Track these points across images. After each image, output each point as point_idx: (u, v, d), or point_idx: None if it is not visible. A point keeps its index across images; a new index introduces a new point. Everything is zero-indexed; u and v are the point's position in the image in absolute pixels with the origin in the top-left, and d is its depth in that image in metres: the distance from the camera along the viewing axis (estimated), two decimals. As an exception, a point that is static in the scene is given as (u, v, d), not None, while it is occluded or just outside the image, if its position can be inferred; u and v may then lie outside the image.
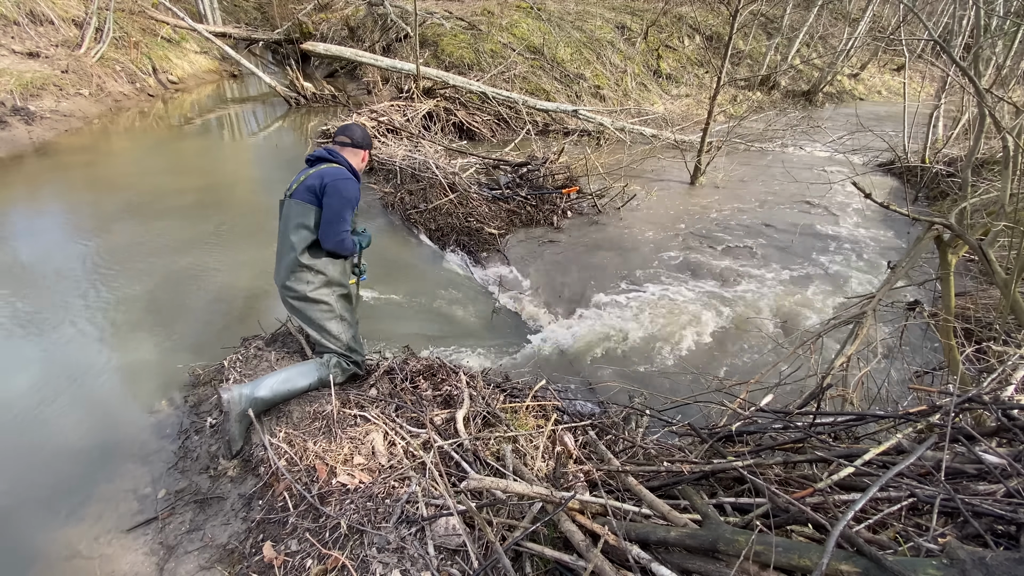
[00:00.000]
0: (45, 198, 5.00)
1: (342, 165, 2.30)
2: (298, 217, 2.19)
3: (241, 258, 4.15)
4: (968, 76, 2.96)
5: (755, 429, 2.01)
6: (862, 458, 1.42)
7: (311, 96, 9.28)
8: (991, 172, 5.97)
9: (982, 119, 3.61)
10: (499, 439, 1.95)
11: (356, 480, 1.81)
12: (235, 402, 2.08)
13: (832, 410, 2.31)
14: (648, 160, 7.53)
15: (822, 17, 15.04)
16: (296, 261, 2.22)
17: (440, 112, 7.92)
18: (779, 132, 9.24)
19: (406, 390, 2.32)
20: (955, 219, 2.79)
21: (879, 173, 7.87)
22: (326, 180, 2.18)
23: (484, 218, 5.09)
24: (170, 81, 9.55)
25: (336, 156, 2.32)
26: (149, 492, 2.07)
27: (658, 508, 1.41)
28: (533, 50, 10.20)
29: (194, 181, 5.81)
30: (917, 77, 12.84)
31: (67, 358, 2.95)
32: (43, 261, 3.93)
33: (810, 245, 5.44)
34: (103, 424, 2.48)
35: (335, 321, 2.36)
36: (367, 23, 11.41)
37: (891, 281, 3.23)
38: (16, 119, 6.51)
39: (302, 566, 1.57)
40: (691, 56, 12.81)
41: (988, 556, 0.92)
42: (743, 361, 3.64)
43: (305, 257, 2.22)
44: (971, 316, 3.06)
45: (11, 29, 7.79)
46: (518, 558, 1.49)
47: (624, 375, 3.41)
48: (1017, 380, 1.93)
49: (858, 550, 1.02)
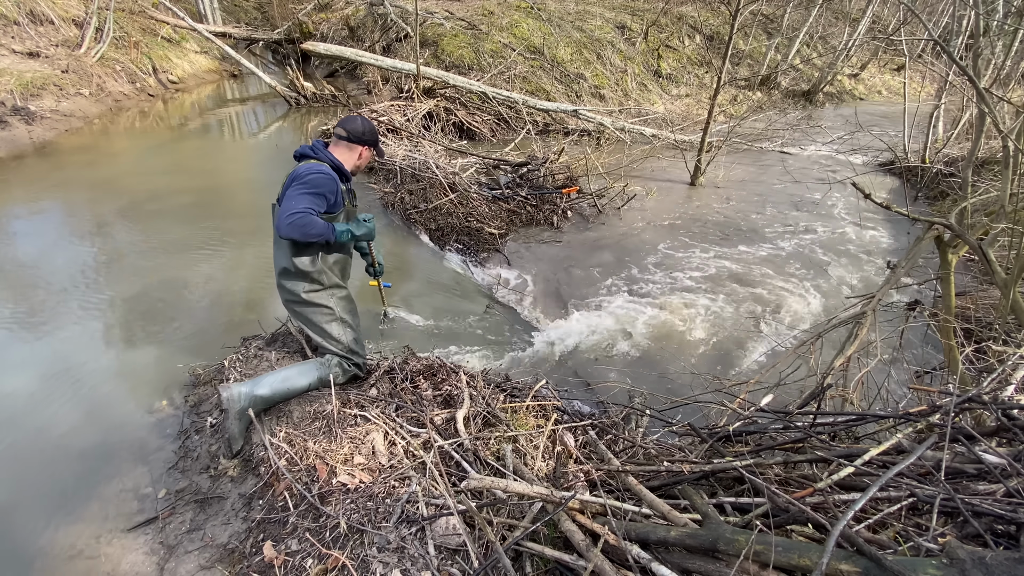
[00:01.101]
0: (45, 198, 5.00)
1: (322, 161, 2.12)
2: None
3: (241, 258, 4.15)
4: (968, 76, 2.96)
5: (755, 429, 2.01)
6: (862, 458, 1.42)
7: (311, 96, 9.28)
8: (991, 172, 5.96)
9: (982, 119, 3.61)
10: (499, 439, 1.95)
11: (356, 480, 1.81)
12: (234, 400, 2.07)
13: (832, 410, 2.31)
14: (648, 160, 7.53)
15: (822, 17, 15.03)
16: (285, 268, 2.19)
17: (440, 112, 7.92)
18: (779, 132, 9.23)
19: (406, 390, 2.32)
20: (955, 219, 2.79)
21: (879, 173, 7.87)
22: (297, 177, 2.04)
23: (484, 218, 5.09)
24: (170, 81, 9.55)
25: (318, 152, 2.15)
26: (149, 492, 2.07)
27: (658, 508, 1.41)
28: (533, 50, 10.20)
29: (194, 181, 5.81)
30: (917, 77, 12.84)
31: (67, 358, 2.95)
32: (43, 261, 3.93)
33: (810, 245, 5.44)
34: (103, 424, 2.48)
35: (335, 324, 2.32)
36: (367, 23, 11.41)
37: (891, 281, 3.23)
38: (16, 119, 6.51)
39: (302, 566, 1.57)
40: (691, 56, 12.81)
41: (988, 556, 0.92)
42: (743, 361, 3.64)
43: (295, 263, 2.17)
44: (971, 316, 3.06)
45: (11, 29, 7.79)
46: (518, 558, 1.49)
47: (624, 375, 3.41)
48: (1017, 380, 1.93)
49: (858, 550, 1.02)
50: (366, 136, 2.21)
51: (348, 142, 2.19)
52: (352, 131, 2.19)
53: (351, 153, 2.21)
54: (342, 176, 2.18)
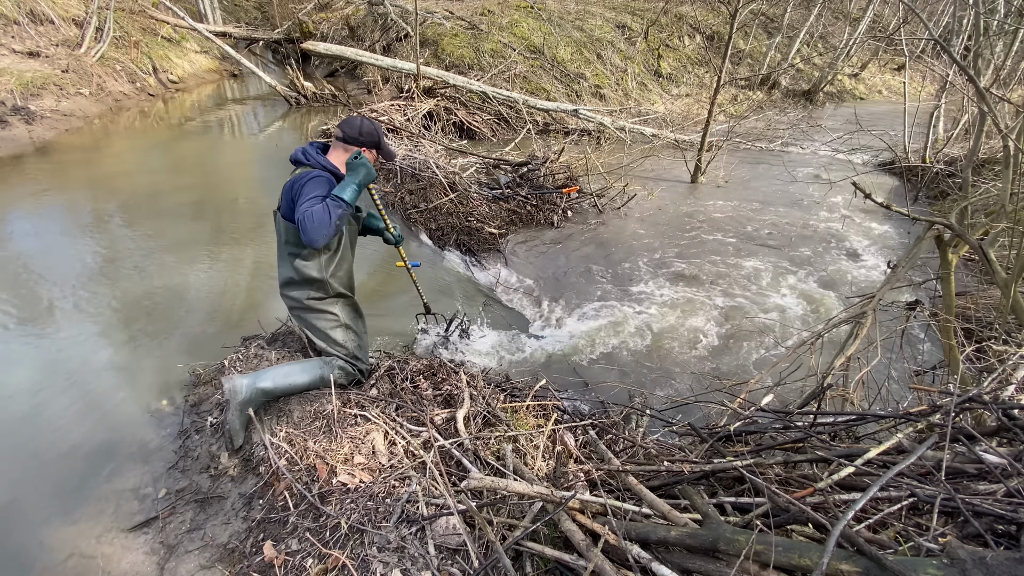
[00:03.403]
0: (45, 197, 5.00)
1: (314, 167, 2.04)
2: (283, 234, 2.12)
3: (241, 257, 4.15)
4: (968, 76, 2.96)
5: (755, 429, 2.01)
6: (862, 458, 1.42)
7: (311, 96, 9.27)
8: (991, 172, 5.96)
9: (982, 119, 3.61)
10: (499, 438, 1.95)
11: (356, 479, 1.81)
12: (236, 391, 2.06)
13: (832, 410, 2.31)
14: (648, 160, 7.52)
15: (822, 16, 15.02)
16: (290, 278, 2.19)
17: (440, 111, 7.92)
18: (780, 131, 9.23)
19: (406, 390, 2.32)
20: (955, 219, 2.79)
21: (880, 173, 7.87)
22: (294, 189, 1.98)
23: (484, 218, 5.09)
24: (170, 81, 9.54)
25: (310, 158, 2.06)
26: (150, 491, 2.07)
27: (658, 508, 1.41)
28: (533, 50, 10.20)
29: (194, 180, 5.81)
30: (917, 77, 12.83)
31: (67, 358, 2.95)
32: (43, 260, 3.93)
33: (810, 244, 5.44)
34: (103, 424, 2.48)
35: (339, 329, 2.31)
36: (367, 22, 11.41)
37: (891, 281, 3.23)
38: (16, 118, 6.51)
39: (302, 565, 1.57)
40: (691, 56, 12.80)
41: (988, 556, 0.92)
42: (743, 361, 3.64)
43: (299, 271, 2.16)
44: (971, 316, 3.06)
45: (11, 28, 7.79)
46: (518, 557, 1.49)
47: (624, 375, 3.41)
48: (1017, 380, 1.93)
49: (858, 550, 1.02)
50: (364, 137, 2.10)
51: (344, 143, 2.10)
52: (348, 132, 2.09)
53: (347, 156, 2.09)
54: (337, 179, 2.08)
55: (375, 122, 2.17)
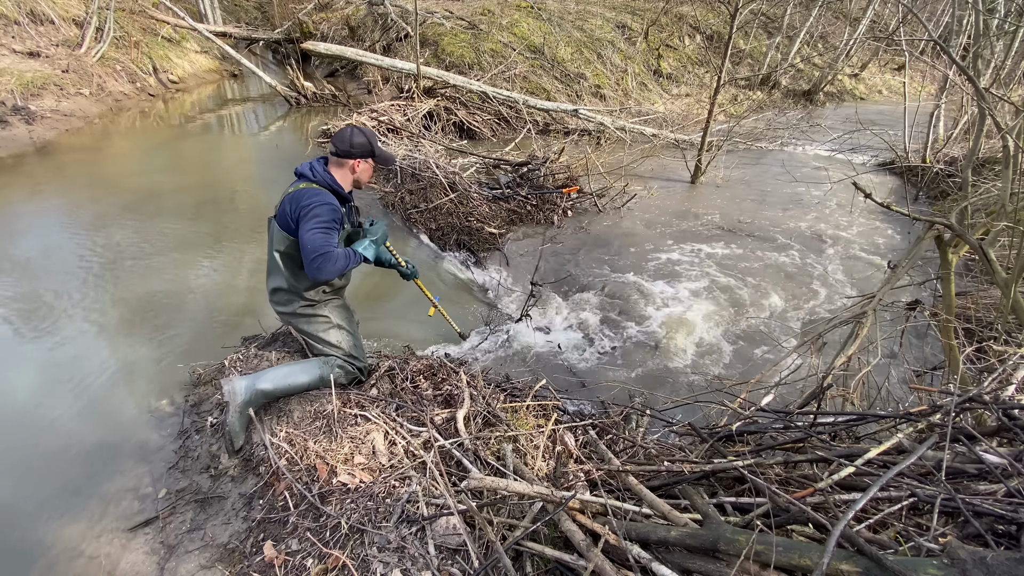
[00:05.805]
0: (46, 198, 5.00)
1: (318, 184, 2.07)
2: (277, 243, 2.12)
3: (241, 258, 4.15)
4: (968, 76, 2.96)
5: (755, 429, 2.01)
6: (863, 458, 1.42)
7: (311, 96, 9.27)
8: (991, 171, 5.96)
9: (982, 119, 3.61)
10: (499, 438, 1.95)
11: (357, 479, 1.81)
12: (236, 392, 2.07)
13: (832, 410, 2.31)
14: (649, 159, 7.52)
15: (823, 16, 15.02)
16: (277, 287, 2.20)
17: (440, 111, 7.92)
18: (780, 131, 9.23)
19: (407, 390, 2.32)
20: (955, 219, 2.79)
21: (880, 172, 7.87)
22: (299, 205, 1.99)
23: (484, 218, 5.09)
24: (170, 81, 9.54)
25: (316, 175, 2.08)
26: (150, 491, 2.07)
27: (658, 508, 1.41)
28: (533, 49, 10.19)
29: (195, 181, 5.81)
30: (917, 77, 12.82)
31: (68, 358, 2.95)
32: (43, 261, 3.93)
33: (810, 244, 5.44)
34: (104, 424, 2.48)
35: (333, 330, 2.33)
36: (367, 22, 11.41)
37: (891, 281, 3.23)
38: (17, 118, 6.51)
39: (303, 565, 1.57)
40: (691, 55, 12.80)
41: (989, 556, 0.92)
42: (743, 361, 3.64)
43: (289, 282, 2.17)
44: (971, 316, 3.06)
45: (11, 29, 7.79)
46: (518, 557, 1.49)
47: (624, 375, 3.41)
48: (1018, 380, 1.93)
49: (859, 550, 1.02)
50: (355, 149, 2.11)
51: (337, 157, 2.12)
52: (340, 147, 2.10)
53: (343, 170, 2.14)
54: (340, 198, 2.12)
55: (366, 130, 2.18)
